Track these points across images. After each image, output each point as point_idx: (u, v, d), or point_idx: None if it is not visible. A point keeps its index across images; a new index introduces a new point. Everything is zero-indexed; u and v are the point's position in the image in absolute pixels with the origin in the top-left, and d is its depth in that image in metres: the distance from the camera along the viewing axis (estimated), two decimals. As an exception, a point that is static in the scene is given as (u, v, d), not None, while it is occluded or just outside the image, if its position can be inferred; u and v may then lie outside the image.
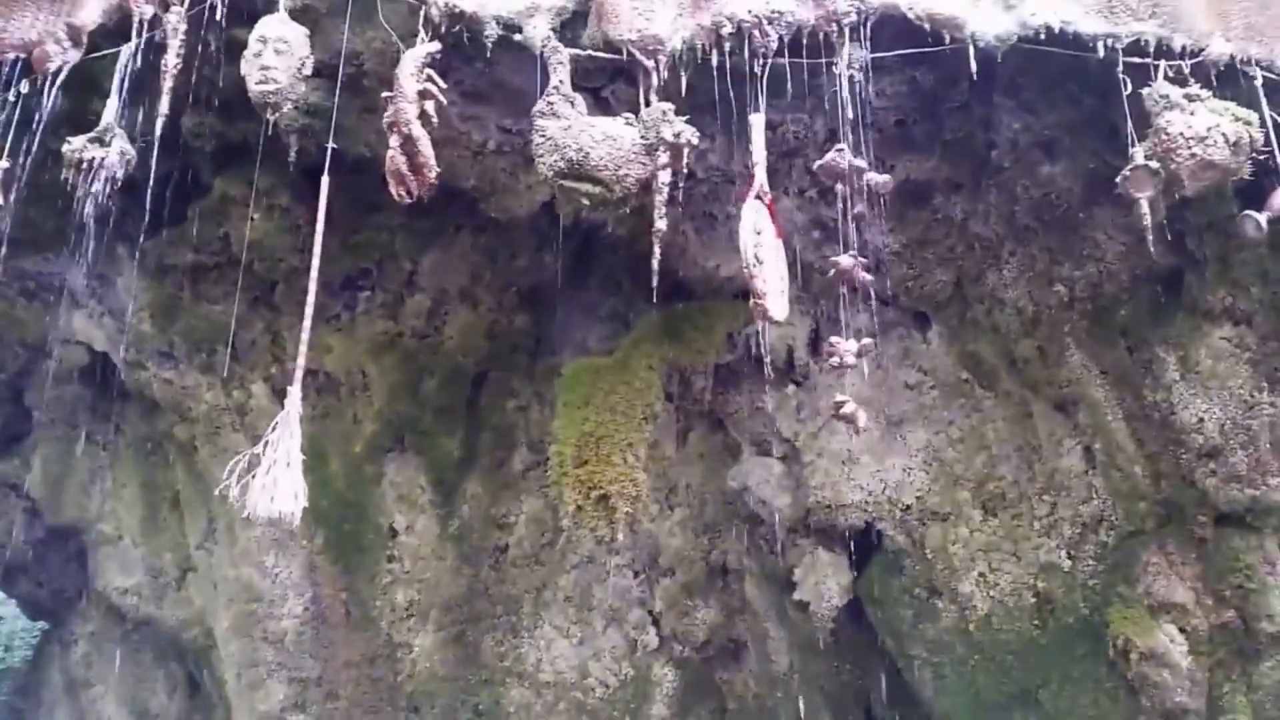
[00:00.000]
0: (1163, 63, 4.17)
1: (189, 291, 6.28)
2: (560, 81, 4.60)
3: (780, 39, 4.48)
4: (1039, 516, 5.95)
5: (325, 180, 4.59)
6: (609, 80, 4.88)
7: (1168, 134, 4.16)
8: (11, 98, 5.33)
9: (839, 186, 4.42)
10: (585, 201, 4.63)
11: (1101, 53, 4.31)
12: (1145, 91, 4.20)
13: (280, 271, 6.07)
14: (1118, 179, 4.30)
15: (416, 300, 6.32)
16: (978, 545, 6.00)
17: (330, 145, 4.64)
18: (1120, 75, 4.28)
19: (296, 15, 4.72)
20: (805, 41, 4.45)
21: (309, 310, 4.37)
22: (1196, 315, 5.37)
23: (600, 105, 4.82)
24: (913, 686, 6.16)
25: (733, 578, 6.63)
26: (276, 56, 4.66)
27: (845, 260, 4.47)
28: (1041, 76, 4.71)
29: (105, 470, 7.31)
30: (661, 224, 4.43)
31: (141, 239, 5.84)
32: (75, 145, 4.85)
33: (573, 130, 4.58)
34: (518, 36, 4.68)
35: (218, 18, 4.90)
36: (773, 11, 4.46)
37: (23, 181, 5.17)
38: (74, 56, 5.12)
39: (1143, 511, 5.76)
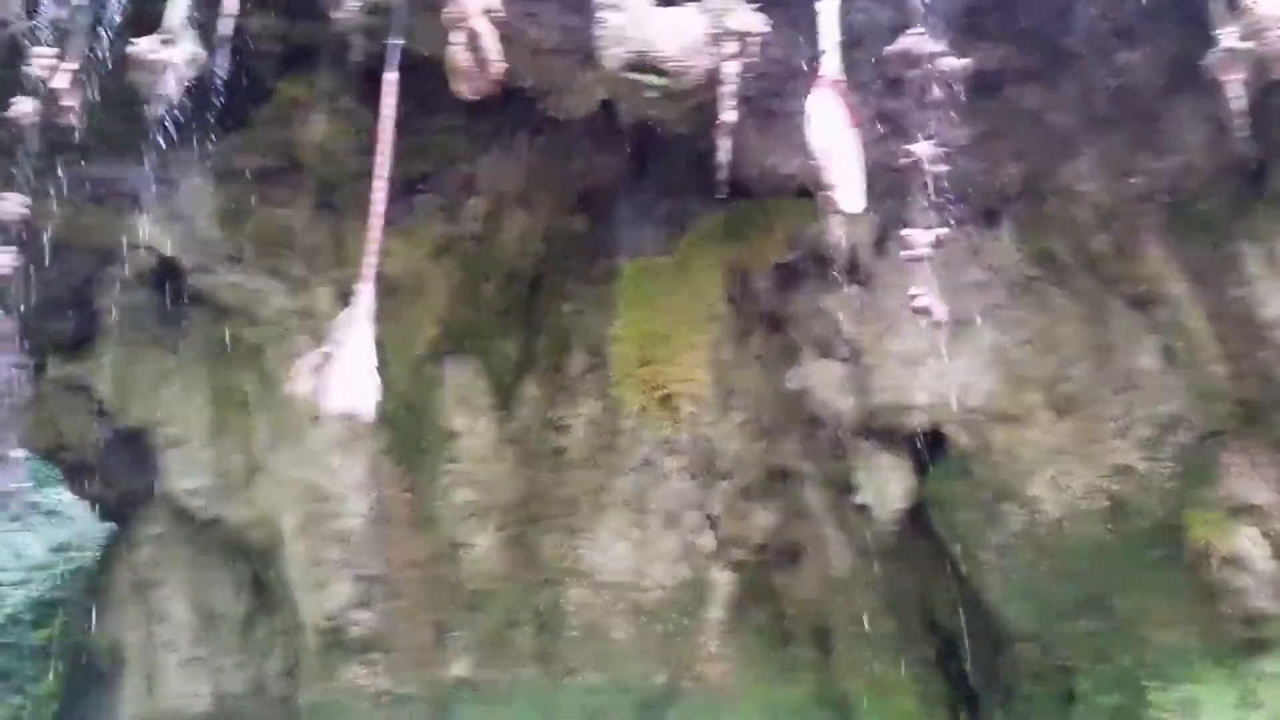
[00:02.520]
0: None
1: (255, 195, 6.31)
2: (624, -25, 4.52)
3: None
4: (1113, 418, 5.84)
5: (391, 77, 4.56)
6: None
7: (1257, 13, 4.00)
8: (81, 1, 5.36)
9: (912, 74, 4.30)
10: (650, 95, 4.59)
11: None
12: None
13: (343, 174, 6.04)
14: (1204, 62, 4.14)
15: (474, 203, 6.29)
16: (1048, 448, 5.92)
17: (395, 42, 4.60)
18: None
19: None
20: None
21: (378, 208, 4.39)
22: (1283, 208, 5.21)
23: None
24: (978, 592, 6.17)
25: (791, 481, 6.63)
26: None
27: (922, 148, 4.34)
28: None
29: (173, 373, 7.39)
30: (729, 116, 4.31)
31: (208, 143, 5.87)
32: (143, 46, 4.84)
33: (637, 21, 4.51)
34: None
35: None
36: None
37: (92, 86, 5.23)
38: (139, -47, 5.10)
39: (1223, 412, 5.63)
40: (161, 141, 5.30)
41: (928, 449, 6.16)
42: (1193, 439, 5.71)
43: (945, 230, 4.36)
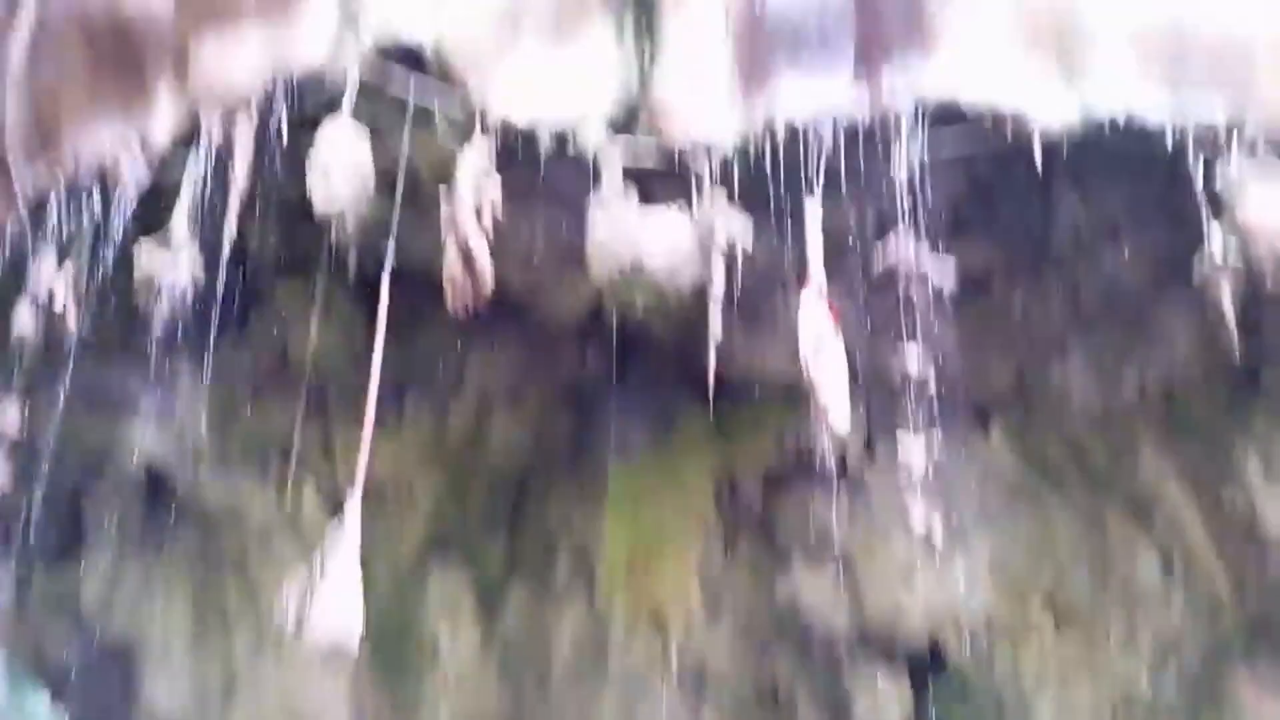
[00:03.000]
0: (1235, 142, 3.79)
1: (247, 401, 6.00)
2: (612, 180, 4.38)
3: (834, 135, 4.25)
4: (1115, 634, 5.35)
5: (385, 291, 4.39)
6: (655, 175, 4.65)
7: (1244, 223, 3.75)
8: (84, 210, 5.23)
9: (898, 277, 4.09)
10: (639, 303, 4.38)
11: (1170, 144, 3.94)
12: (1218, 174, 3.82)
13: (334, 381, 5.73)
14: (1192, 272, 3.89)
15: (462, 404, 5.98)
16: (1050, 665, 5.41)
17: (389, 256, 4.44)
18: (1190, 166, 3.88)
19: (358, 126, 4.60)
20: (861, 134, 4.19)
21: (368, 425, 4.14)
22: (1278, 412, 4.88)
23: (644, 197, 4.56)
24: (980, 821, 5.50)
25: (783, 699, 5.97)
26: (341, 175, 4.51)
27: (912, 361, 4.11)
28: (1103, 159, 4.33)
29: (156, 583, 6.91)
30: (717, 329, 4.12)
31: (203, 349, 5.67)
32: (144, 260, 4.68)
33: (627, 231, 4.34)
34: (570, 148, 4.48)
35: (283, 127, 4.78)
36: (827, 108, 4.23)
37: (93, 294, 5.05)
38: (146, 168, 5.00)
39: (1228, 627, 5.16)
40: (158, 349, 5.11)
41: (927, 665, 5.60)
42: (1199, 656, 5.22)
43: (938, 438, 4.09)
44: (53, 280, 4.92)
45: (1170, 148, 3.95)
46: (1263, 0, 3.96)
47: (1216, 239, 3.80)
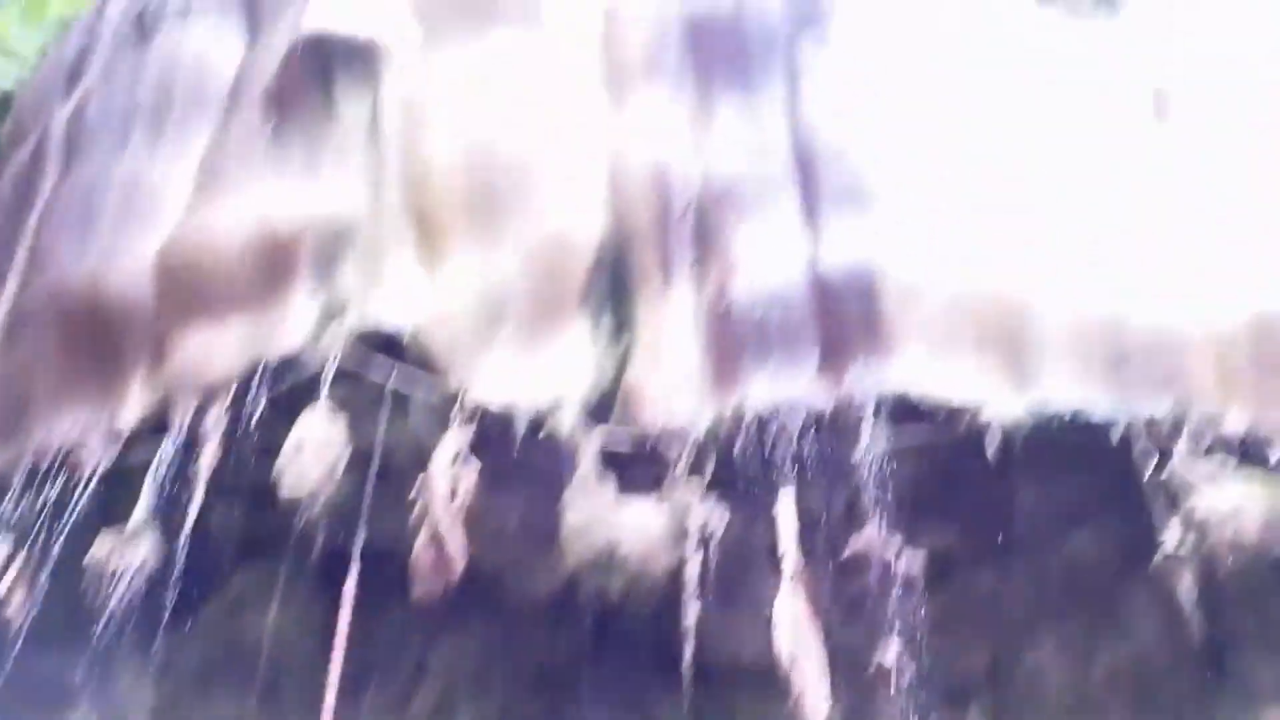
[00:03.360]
0: (1183, 436, 4.04)
1: (194, 690, 5.65)
2: (587, 466, 4.49)
3: (802, 425, 4.44)
4: None
5: (353, 576, 4.36)
6: (630, 461, 4.75)
7: (1196, 516, 3.96)
8: (43, 494, 5.11)
9: (869, 563, 4.19)
10: (613, 588, 4.45)
11: (1118, 437, 4.21)
12: (1168, 465, 4.05)
13: (289, 670, 5.51)
14: (1152, 563, 4.05)
15: (426, 690, 5.72)
16: None
17: (359, 539, 4.45)
18: (1137, 459, 4.13)
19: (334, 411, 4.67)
20: (826, 424, 4.39)
21: None
22: (1248, 696, 4.89)
23: (620, 481, 4.65)
24: None
25: None
26: (314, 458, 4.57)
27: (889, 649, 4.15)
28: (1057, 449, 4.56)
29: None
30: (691, 618, 4.25)
31: (151, 637, 5.42)
32: (102, 551, 4.63)
33: (601, 517, 4.43)
34: (543, 433, 4.61)
35: (256, 412, 4.81)
36: (793, 401, 4.45)
37: (42, 581, 4.87)
38: (111, 455, 4.96)
39: None
40: (104, 638, 4.88)
41: None
42: None
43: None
44: (5, 569, 4.77)
45: (1119, 440, 4.24)
46: (1195, 296, 4.36)
47: (1172, 529, 3.98)
